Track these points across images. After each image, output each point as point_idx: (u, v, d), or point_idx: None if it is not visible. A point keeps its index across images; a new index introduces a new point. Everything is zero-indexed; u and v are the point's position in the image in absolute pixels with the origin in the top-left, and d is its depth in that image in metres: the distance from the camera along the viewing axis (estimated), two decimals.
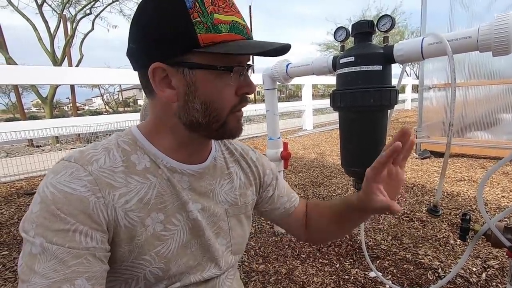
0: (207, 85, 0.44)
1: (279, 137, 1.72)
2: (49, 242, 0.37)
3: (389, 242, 1.70)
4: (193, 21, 0.41)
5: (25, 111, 9.23)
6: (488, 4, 3.29)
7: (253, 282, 1.42)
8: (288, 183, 2.95)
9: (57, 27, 8.93)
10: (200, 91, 0.44)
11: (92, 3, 9.50)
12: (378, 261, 1.52)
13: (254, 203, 0.63)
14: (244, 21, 0.46)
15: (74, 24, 9.42)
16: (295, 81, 1.75)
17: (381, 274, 1.39)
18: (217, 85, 0.44)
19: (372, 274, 1.41)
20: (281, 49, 0.43)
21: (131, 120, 4.62)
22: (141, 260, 0.45)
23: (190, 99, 0.44)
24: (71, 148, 5.98)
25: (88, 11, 9.68)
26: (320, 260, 1.56)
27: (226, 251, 0.56)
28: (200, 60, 0.43)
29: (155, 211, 0.46)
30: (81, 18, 9.69)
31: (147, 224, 0.45)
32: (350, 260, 1.55)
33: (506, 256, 1.39)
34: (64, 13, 9.00)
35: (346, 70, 0.97)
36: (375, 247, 1.65)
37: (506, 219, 1.79)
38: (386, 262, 1.51)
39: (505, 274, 1.34)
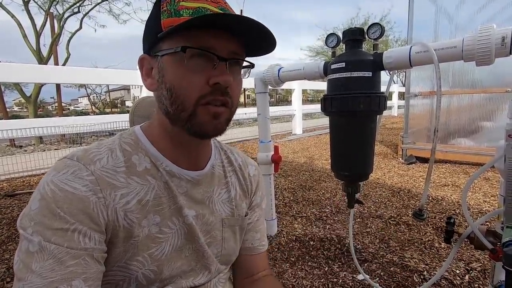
0: (170, 70, 0.43)
1: (270, 141, 1.73)
2: (47, 241, 0.36)
3: (376, 245, 1.73)
4: (161, 10, 0.43)
5: (7, 110, 8.90)
6: (470, 16, 3.43)
7: None
8: (278, 187, 2.96)
9: (44, 24, 8.70)
10: (166, 77, 0.44)
11: (81, 2, 9.32)
12: (366, 264, 1.54)
13: (248, 217, 0.61)
14: (223, 9, 0.43)
15: (62, 22, 9.21)
16: (285, 85, 1.78)
17: (369, 276, 1.41)
18: (178, 69, 0.42)
19: (360, 277, 1.43)
20: (226, 20, 0.40)
21: (118, 121, 4.53)
22: (134, 261, 0.44)
23: (161, 85, 0.45)
24: (55, 149, 5.80)
25: (76, 10, 9.49)
26: (309, 263, 1.57)
27: (215, 260, 0.55)
28: (166, 46, 0.43)
29: (151, 213, 0.46)
30: (68, 17, 9.49)
31: (143, 225, 0.45)
32: (339, 263, 1.56)
33: (488, 259, 1.43)
34: (51, 10, 8.79)
35: (337, 75, 0.98)
36: (363, 251, 1.67)
37: (487, 223, 1.86)
38: (374, 265, 1.53)
39: (487, 276, 1.38)
